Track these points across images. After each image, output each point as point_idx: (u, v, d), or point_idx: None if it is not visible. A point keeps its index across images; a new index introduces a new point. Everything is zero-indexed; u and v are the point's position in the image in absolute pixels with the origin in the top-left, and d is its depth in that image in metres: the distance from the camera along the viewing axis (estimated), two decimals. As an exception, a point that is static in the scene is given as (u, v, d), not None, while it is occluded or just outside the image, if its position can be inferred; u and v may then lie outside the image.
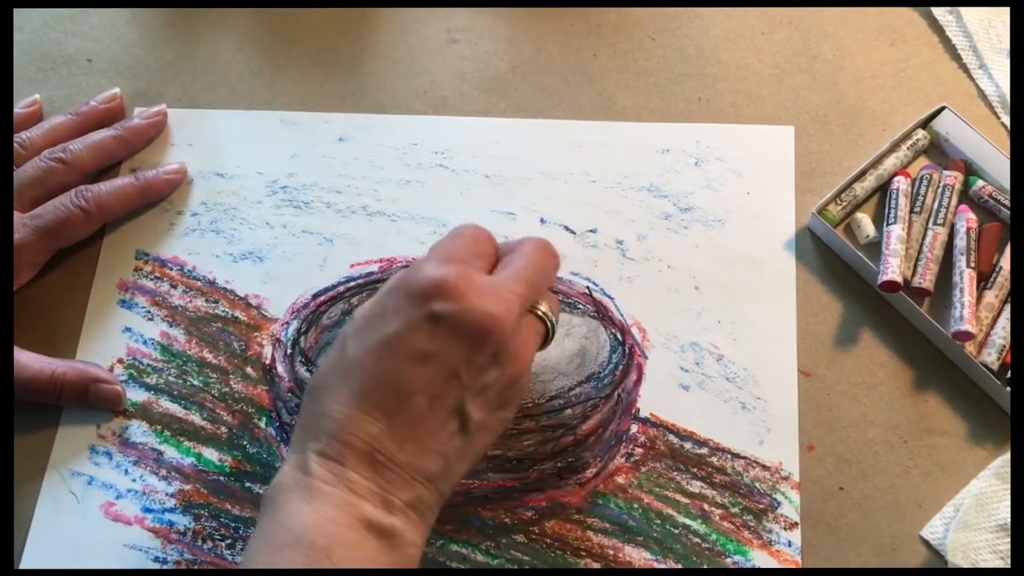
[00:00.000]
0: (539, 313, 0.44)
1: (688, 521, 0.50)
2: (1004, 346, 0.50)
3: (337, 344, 0.43)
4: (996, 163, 0.54)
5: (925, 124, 0.56)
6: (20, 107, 0.60)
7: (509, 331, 0.41)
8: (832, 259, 0.54)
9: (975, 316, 0.50)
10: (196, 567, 0.50)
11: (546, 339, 0.45)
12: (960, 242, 0.52)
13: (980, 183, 0.54)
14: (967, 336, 0.50)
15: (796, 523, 0.49)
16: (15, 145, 0.57)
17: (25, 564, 0.51)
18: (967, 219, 0.53)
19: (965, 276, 0.51)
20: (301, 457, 0.40)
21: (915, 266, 0.52)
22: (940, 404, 0.51)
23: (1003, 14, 0.59)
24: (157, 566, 0.50)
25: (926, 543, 0.48)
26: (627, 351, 0.53)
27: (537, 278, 0.44)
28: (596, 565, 0.49)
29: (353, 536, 0.38)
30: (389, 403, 0.40)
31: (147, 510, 0.52)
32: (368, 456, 0.39)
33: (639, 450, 0.51)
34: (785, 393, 0.52)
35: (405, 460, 0.40)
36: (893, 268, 0.51)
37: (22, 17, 0.64)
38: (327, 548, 0.37)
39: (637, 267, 0.55)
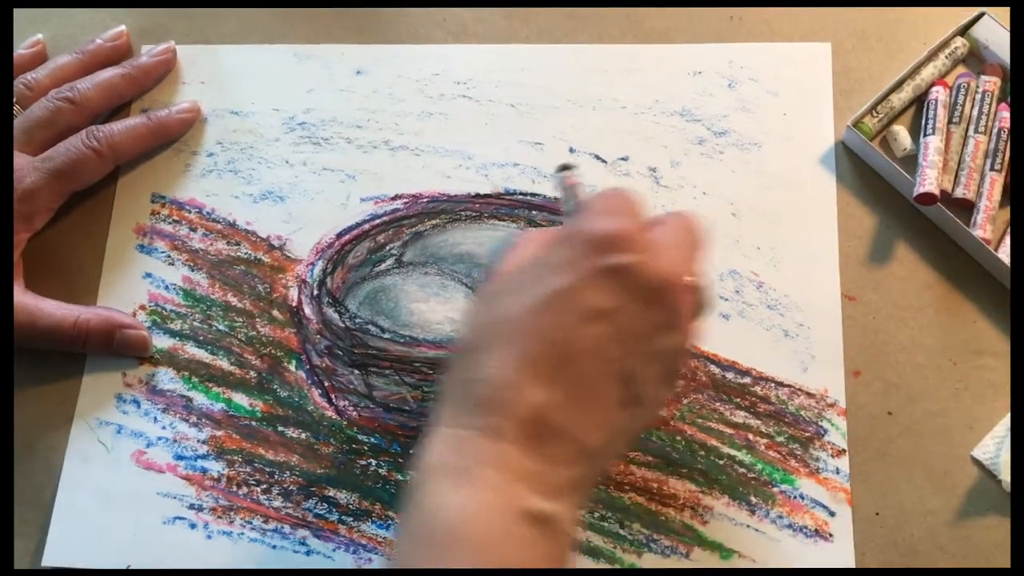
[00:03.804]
0: (696, 283, 0.39)
1: (733, 452, 0.49)
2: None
3: (484, 302, 0.38)
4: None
5: (964, 32, 0.54)
6: (23, 47, 0.58)
7: (686, 292, 0.37)
8: (872, 178, 0.52)
9: (991, 220, 0.49)
10: (232, 512, 0.49)
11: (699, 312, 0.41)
12: (990, 144, 0.51)
13: (1022, 91, 0.52)
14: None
15: (844, 450, 0.48)
16: (21, 86, 0.54)
17: (57, 515, 0.50)
18: (1001, 119, 0.51)
19: (987, 179, 0.50)
20: (452, 432, 0.35)
21: (956, 177, 0.51)
22: (989, 324, 0.49)
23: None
24: (192, 513, 0.49)
25: (978, 464, 0.47)
26: (664, 281, 0.52)
27: (696, 247, 0.40)
28: (640, 499, 0.48)
29: (507, 527, 0.33)
30: (556, 366, 0.35)
31: (179, 457, 0.51)
32: (532, 427, 0.35)
33: (680, 382, 0.50)
34: (829, 319, 0.50)
35: (571, 432, 0.35)
36: (930, 180, 0.49)
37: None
38: (477, 541, 0.33)
39: (671, 195, 0.53)
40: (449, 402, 0.37)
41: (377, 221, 0.54)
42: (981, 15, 0.53)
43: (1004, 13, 0.54)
